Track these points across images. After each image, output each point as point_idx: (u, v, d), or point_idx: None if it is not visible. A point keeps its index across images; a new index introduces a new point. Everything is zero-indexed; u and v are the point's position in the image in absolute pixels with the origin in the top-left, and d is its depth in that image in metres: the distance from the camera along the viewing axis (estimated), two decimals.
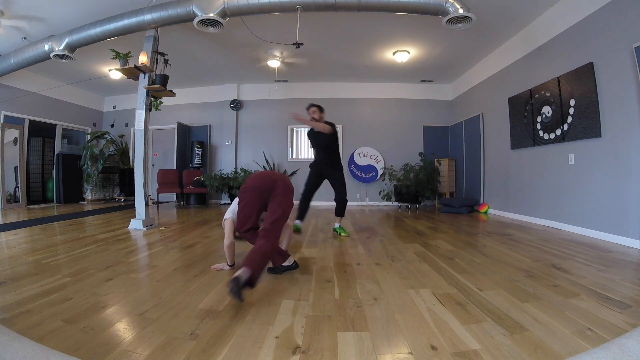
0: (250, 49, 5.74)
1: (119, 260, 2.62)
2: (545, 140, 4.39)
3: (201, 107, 8.19)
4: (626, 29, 3.20)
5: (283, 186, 2.20)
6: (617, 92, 3.33)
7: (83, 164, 7.66)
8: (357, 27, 4.95)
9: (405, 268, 2.45)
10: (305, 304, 1.76)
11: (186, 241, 3.43)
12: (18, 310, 1.62)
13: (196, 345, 1.33)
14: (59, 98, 7.53)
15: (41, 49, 4.60)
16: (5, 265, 2.45)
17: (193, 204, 7.45)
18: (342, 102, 7.87)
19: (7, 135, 6.43)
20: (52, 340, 1.33)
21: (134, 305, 1.73)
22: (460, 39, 5.21)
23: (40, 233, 3.80)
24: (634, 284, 2.04)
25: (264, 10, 3.80)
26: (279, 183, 2.21)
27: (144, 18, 4.01)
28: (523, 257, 2.72)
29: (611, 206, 3.40)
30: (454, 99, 7.69)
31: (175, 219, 5.19)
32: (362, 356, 1.25)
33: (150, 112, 4.36)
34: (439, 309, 1.69)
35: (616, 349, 1.18)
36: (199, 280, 2.14)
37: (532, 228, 4.22)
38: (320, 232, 4.00)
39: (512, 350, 1.27)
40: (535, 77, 4.59)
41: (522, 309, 1.66)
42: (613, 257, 2.73)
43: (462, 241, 3.46)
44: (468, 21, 3.67)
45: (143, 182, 4.22)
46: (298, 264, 2.43)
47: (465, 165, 6.91)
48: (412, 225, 4.62)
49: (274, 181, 2.22)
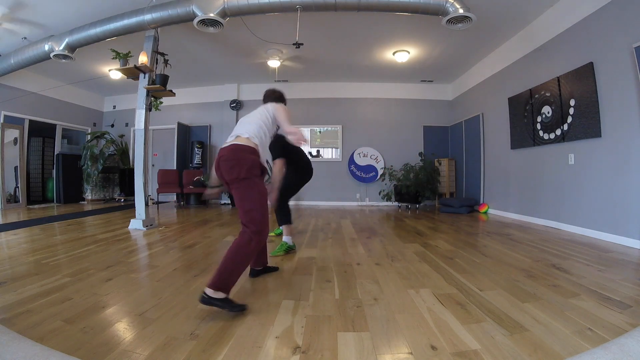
0: (250, 49, 5.74)
1: (119, 260, 2.62)
2: (545, 140, 4.39)
3: (201, 107, 8.18)
4: (626, 29, 3.20)
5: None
6: (617, 92, 3.33)
7: (83, 164, 7.66)
8: (357, 27, 4.95)
9: (405, 268, 2.45)
10: (305, 304, 1.76)
11: (186, 241, 3.43)
12: (18, 310, 1.62)
13: (196, 345, 1.33)
14: (59, 98, 7.53)
15: (41, 49, 4.60)
16: (5, 265, 2.45)
17: (193, 204, 7.45)
18: (342, 102, 7.88)
19: (7, 135, 6.43)
20: (52, 340, 1.33)
21: (134, 305, 1.73)
22: (460, 39, 5.21)
23: (40, 233, 3.80)
24: (634, 284, 2.04)
25: (263, 10, 3.80)
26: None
27: (144, 18, 4.01)
28: (523, 257, 2.72)
29: (611, 206, 3.40)
30: (454, 99, 7.69)
31: (175, 219, 5.19)
32: (362, 356, 1.25)
33: (150, 112, 4.36)
34: (439, 309, 1.69)
35: (616, 349, 1.18)
36: (199, 280, 2.14)
37: (532, 228, 4.22)
38: (320, 232, 4.00)
39: (512, 350, 1.27)
40: (535, 77, 4.59)
41: (522, 309, 1.66)
42: (613, 257, 2.73)
43: (462, 241, 3.46)
44: (468, 21, 3.67)
45: (143, 182, 4.21)
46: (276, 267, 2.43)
47: (465, 165, 6.91)
48: (412, 225, 4.62)
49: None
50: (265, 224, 1.78)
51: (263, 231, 1.76)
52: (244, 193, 1.78)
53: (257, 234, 1.72)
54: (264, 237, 1.78)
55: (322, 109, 7.88)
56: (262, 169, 1.88)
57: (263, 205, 1.79)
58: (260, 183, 1.85)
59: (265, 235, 1.80)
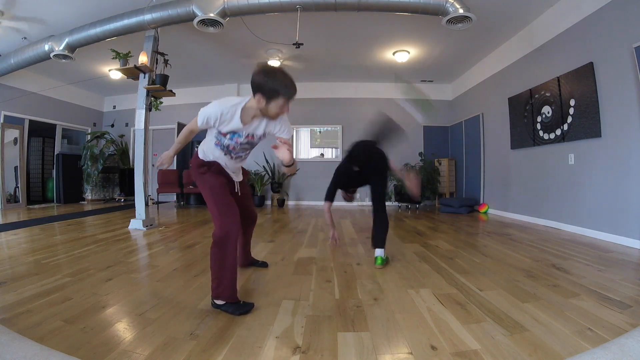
0: (250, 49, 5.74)
1: (119, 260, 2.62)
2: (545, 140, 4.39)
3: (201, 107, 8.16)
4: (626, 29, 3.20)
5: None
6: (617, 92, 3.33)
7: (83, 164, 7.66)
8: (357, 27, 4.95)
9: (405, 268, 2.45)
10: (305, 304, 1.76)
11: (186, 241, 3.43)
12: (18, 310, 1.62)
13: (196, 345, 1.33)
14: (59, 98, 7.53)
15: (41, 49, 4.60)
16: (5, 265, 2.45)
17: (193, 204, 7.45)
18: (342, 102, 7.88)
19: (7, 135, 6.43)
20: (52, 340, 1.33)
21: (134, 305, 1.73)
22: (460, 39, 5.21)
23: (40, 233, 3.80)
24: (634, 284, 2.03)
25: (263, 10, 3.80)
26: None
27: (144, 18, 4.01)
28: (523, 257, 2.72)
29: (611, 206, 3.40)
30: (453, 99, 7.69)
31: (175, 219, 5.19)
32: (362, 356, 1.25)
33: (150, 112, 4.35)
34: (439, 309, 1.69)
35: (616, 349, 1.18)
36: (199, 280, 2.14)
37: (532, 228, 4.22)
38: (321, 232, 4.00)
39: (512, 350, 1.27)
40: (535, 77, 4.59)
41: (522, 309, 1.66)
42: (613, 257, 2.73)
43: (462, 241, 3.46)
44: (468, 21, 3.67)
45: (143, 182, 4.21)
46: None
47: (465, 165, 6.91)
48: (412, 225, 4.62)
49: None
50: (223, 217, 1.67)
51: (222, 227, 1.65)
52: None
53: (217, 230, 1.66)
54: (226, 228, 1.65)
55: (322, 109, 7.88)
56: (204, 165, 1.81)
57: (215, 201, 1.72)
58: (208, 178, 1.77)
59: (227, 229, 1.65)
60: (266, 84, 1.52)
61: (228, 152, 1.79)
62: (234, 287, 1.67)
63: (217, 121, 1.65)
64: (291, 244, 3.32)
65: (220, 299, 1.64)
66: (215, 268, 1.66)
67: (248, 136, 1.73)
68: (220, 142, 1.74)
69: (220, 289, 1.64)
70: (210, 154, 1.80)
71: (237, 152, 1.81)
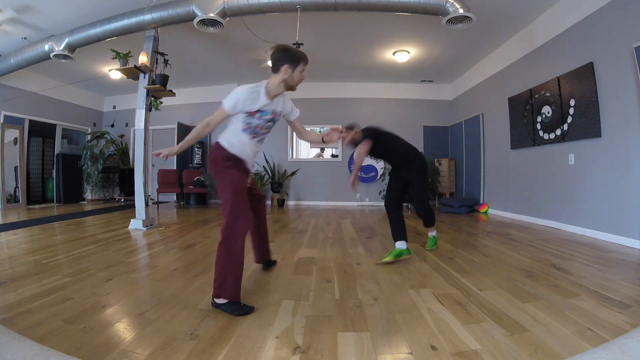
0: (250, 49, 5.74)
1: (119, 260, 2.62)
2: (545, 140, 4.39)
3: (201, 107, 8.17)
4: (626, 29, 3.20)
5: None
6: (617, 92, 3.33)
7: (83, 164, 7.66)
8: (357, 27, 4.95)
9: (405, 268, 2.45)
10: (305, 304, 1.76)
11: (186, 241, 3.43)
12: (18, 310, 1.62)
13: (196, 345, 1.33)
14: (59, 98, 7.53)
15: (41, 49, 4.60)
16: (5, 265, 2.45)
17: (193, 204, 7.44)
18: (342, 102, 7.88)
19: (7, 135, 6.43)
20: (52, 340, 1.33)
21: (134, 305, 1.73)
22: (460, 39, 5.21)
23: (40, 233, 3.80)
24: (634, 284, 2.03)
25: (263, 10, 3.80)
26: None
27: (144, 18, 4.01)
28: (523, 257, 2.72)
29: (611, 206, 3.40)
30: (453, 99, 7.69)
31: (175, 219, 5.19)
32: (362, 356, 1.25)
33: (150, 112, 4.36)
34: (439, 309, 1.69)
35: (616, 349, 1.18)
36: (199, 280, 2.14)
37: (532, 228, 4.22)
38: (320, 232, 4.00)
39: (512, 350, 1.27)
40: (535, 77, 4.59)
41: (522, 309, 1.66)
42: (613, 257, 2.73)
43: (462, 241, 3.46)
44: (468, 21, 3.67)
45: (143, 182, 4.21)
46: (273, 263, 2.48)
47: (465, 165, 6.91)
48: (412, 225, 4.62)
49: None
50: (234, 216, 1.70)
51: (230, 224, 1.68)
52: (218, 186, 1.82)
53: (225, 227, 1.68)
54: (236, 227, 1.68)
55: (322, 109, 7.88)
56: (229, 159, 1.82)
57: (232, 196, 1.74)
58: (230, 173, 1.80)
59: (236, 226, 1.69)
60: (288, 56, 1.80)
61: (256, 134, 1.86)
62: (238, 287, 1.67)
63: (247, 101, 1.76)
64: (291, 244, 3.32)
65: (221, 298, 1.64)
66: (219, 265, 1.67)
67: (273, 112, 1.88)
68: (250, 124, 1.81)
69: (222, 288, 1.64)
70: (237, 141, 1.83)
71: (262, 132, 1.90)
